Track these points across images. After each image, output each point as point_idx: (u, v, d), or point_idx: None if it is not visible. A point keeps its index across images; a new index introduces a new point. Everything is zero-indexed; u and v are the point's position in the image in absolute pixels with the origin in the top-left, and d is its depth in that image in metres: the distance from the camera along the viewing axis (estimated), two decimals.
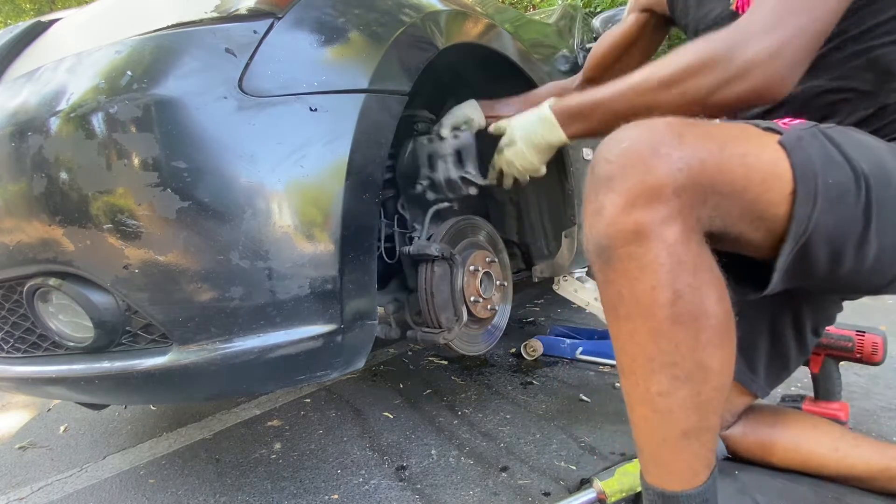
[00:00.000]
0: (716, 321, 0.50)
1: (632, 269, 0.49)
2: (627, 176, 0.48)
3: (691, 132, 0.50)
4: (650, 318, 0.49)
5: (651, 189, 0.47)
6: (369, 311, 0.79)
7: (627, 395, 0.55)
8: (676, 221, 0.48)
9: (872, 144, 0.59)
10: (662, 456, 0.54)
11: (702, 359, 0.50)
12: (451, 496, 0.94)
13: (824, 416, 0.96)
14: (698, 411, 0.51)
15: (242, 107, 0.67)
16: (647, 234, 0.47)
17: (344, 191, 0.72)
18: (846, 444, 0.81)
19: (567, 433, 1.14)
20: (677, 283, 0.48)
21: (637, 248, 0.48)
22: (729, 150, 0.50)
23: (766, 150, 0.53)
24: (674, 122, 0.50)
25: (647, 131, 0.50)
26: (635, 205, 0.48)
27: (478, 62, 1.23)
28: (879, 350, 0.95)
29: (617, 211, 0.48)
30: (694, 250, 0.49)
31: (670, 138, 0.49)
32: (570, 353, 1.58)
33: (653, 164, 0.48)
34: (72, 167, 0.65)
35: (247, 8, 0.73)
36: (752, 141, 0.54)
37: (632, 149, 0.49)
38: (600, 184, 0.50)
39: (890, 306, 2.00)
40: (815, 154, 0.54)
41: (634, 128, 0.51)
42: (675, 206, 0.48)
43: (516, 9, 2.38)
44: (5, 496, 1.05)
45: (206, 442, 1.22)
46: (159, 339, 0.70)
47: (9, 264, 0.72)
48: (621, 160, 0.49)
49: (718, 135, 0.51)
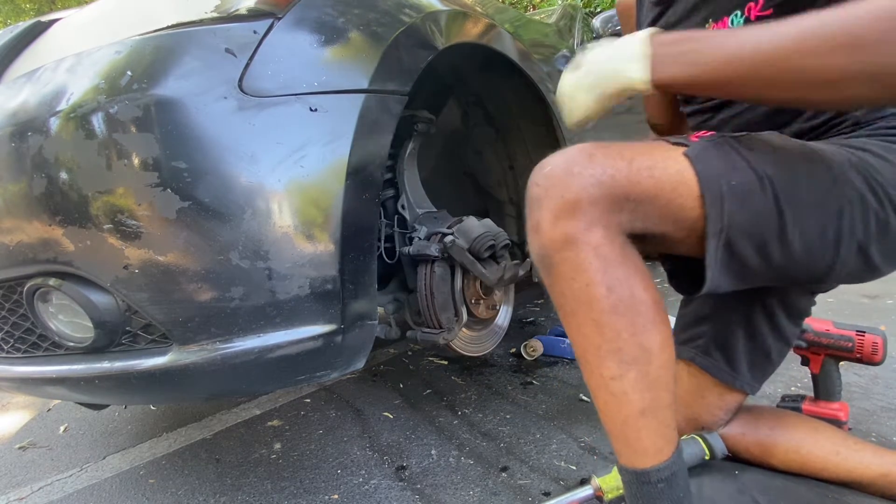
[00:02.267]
0: (645, 307, 0.57)
1: (567, 271, 0.56)
2: (551, 195, 0.56)
3: (601, 153, 0.58)
4: (590, 311, 0.57)
5: (570, 203, 0.55)
6: (369, 312, 0.79)
7: (587, 384, 0.61)
8: (598, 227, 0.56)
9: (780, 145, 0.64)
10: (627, 436, 0.59)
11: (642, 341, 0.57)
12: (451, 496, 0.94)
13: (824, 416, 0.96)
14: (650, 389, 0.58)
15: (242, 107, 0.67)
16: (575, 240, 0.55)
17: (344, 191, 0.72)
18: (847, 447, 0.81)
19: (567, 433, 1.14)
20: (607, 277, 0.56)
21: (569, 253, 0.56)
22: (637, 164, 0.58)
23: (672, 162, 0.60)
24: (586, 147, 0.59)
25: (562, 156, 0.58)
26: (560, 217, 0.56)
27: (478, 62, 1.23)
28: (879, 350, 0.95)
29: (548, 225, 0.56)
30: (618, 249, 0.57)
31: (581, 159, 0.57)
32: (570, 353, 1.58)
33: (568, 182, 0.56)
34: (72, 167, 0.65)
35: (247, 8, 0.73)
36: (659, 155, 0.60)
37: (551, 172, 0.57)
38: (533, 204, 0.58)
39: (890, 306, 1.99)
40: (717, 161, 0.61)
41: (554, 156, 0.60)
42: (593, 214, 0.55)
43: (516, 9, 2.38)
44: (5, 496, 1.05)
45: (206, 442, 1.22)
46: (159, 340, 0.70)
47: (9, 264, 0.72)
48: (544, 182, 0.57)
49: (627, 152, 0.59)
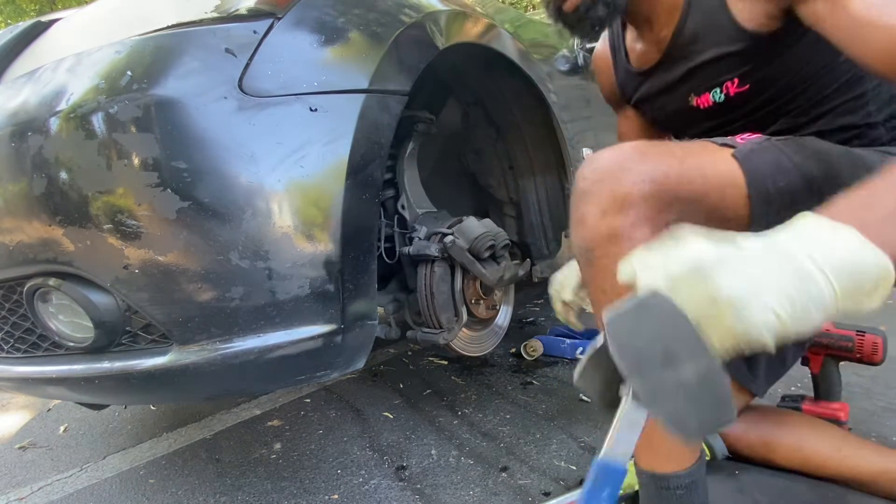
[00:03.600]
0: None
1: (610, 266, 0.54)
2: (600, 190, 0.56)
3: (653, 151, 0.58)
4: None
5: (619, 198, 0.55)
6: (369, 312, 0.79)
7: None
8: (645, 224, 0.55)
9: (825, 150, 0.65)
10: (652, 439, 0.58)
11: None
12: (451, 496, 0.94)
13: (824, 416, 0.96)
14: None
15: (242, 107, 0.67)
16: (620, 235, 0.55)
17: (344, 191, 0.72)
18: (849, 446, 0.81)
19: (567, 433, 1.14)
20: None
21: (613, 248, 0.55)
22: (688, 164, 0.58)
23: (722, 163, 0.60)
24: (638, 144, 0.58)
25: (614, 152, 0.58)
26: (608, 212, 0.55)
27: (478, 62, 1.23)
28: (879, 350, 0.95)
29: (594, 219, 0.56)
30: None
31: (634, 155, 0.57)
32: (570, 353, 1.58)
33: (619, 177, 0.55)
34: (72, 167, 0.65)
35: (247, 8, 0.73)
36: (709, 155, 0.61)
37: (602, 167, 0.57)
38: (580, 198, 0.58)
39: (890, 306, 1.99)
40: (766, 163, 0.61)
41: (604, 151, 0.59)
42: (642, 211, 0.55)
43: (516, 9, 2.38)
44: (5, 496, 1.05)
45: (206, 442, 1.22)
46: (159, 339, 0.70)
47: (9, 264, 0.72)
48: (593, 176, 0.57)
49: (679, 151, 0.59)
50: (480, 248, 1.10)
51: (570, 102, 1.41)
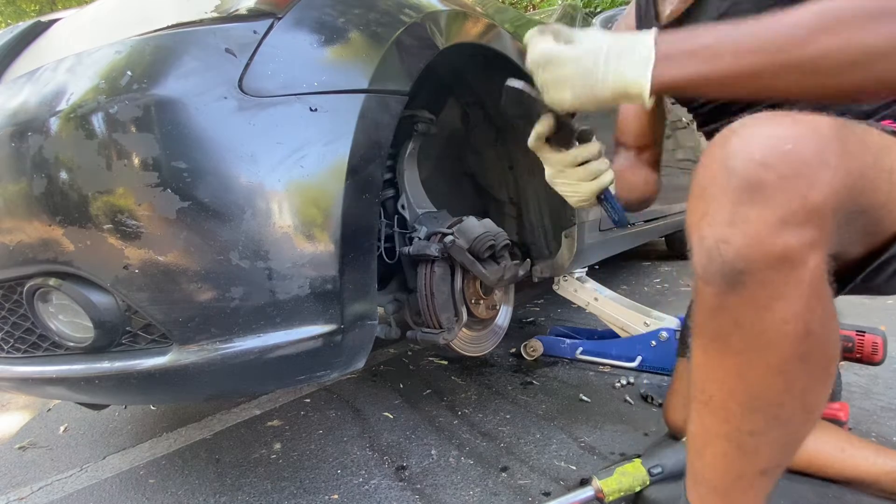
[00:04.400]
0: (830, 358, 0.45)
1: (764, 297, 0.41)
2: (787, 187, 0.39)
3: (853, 139, 0.43)
4: (772, 355, 0.43)
5: (812, 207, 0.39)
6: (369, 312, 0.79)
7: (706, 429, 0.50)
8: (822, 246, 0.41)
9: None
10: (731, 493, 0.50)
11: (809, 400, 0.46)
12: (451, 496, 0.94)
13: (824, 416, 0.96)
14: (785, 450, 0.48)
15: (242, 107, 0.67)
16: (794, 260, 0.40)
17: (344, 191, 0.72)
18: (851, 446, 0.81)
19: (567, 433, 1.14)
20: (811, 318, 0.42)
21: (777, 275, 0.40)
22: (881, 164, 0.45)
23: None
24: (836, 124, 0.42)
25: (812, 132, 0.41)
26: (789, 224, 0.39)
27: (478, 62, 1.23)
28: (879, 350, 0.95)
29: (766, 229, 0.40)
30: (826, 281, 0.43)
31: (836, 145, 0.41)
32: (570, 353, 1.58)
33: (819, 176, 0.39)
34: (72, 167, 0.65)
35: (247, 8, 0.73)
36: (895, 151, 0.47)
37: (797, 154, 0.40)
38: (745, 191, 0.40)
39: (890, 306, 1.99)
40: None
41: (793, 123, 0.41)
42: (827, 227, 0.40)
43: (516, 9, 2.38)
44: (5, 496, 1.05)
45: (206, 442, 1.22)
46: (159, 340, 0.70)
47: (9, 264, 0.72)
48: (782, 167, 0.40)
49: (872, 144, 0.45)
50: (480, 248, 1.10)
51: None
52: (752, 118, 0.43)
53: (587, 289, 1.58)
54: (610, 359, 1.51)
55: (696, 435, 0.52)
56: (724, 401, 0.47)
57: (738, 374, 0.45)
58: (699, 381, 0.49)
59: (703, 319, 0.46)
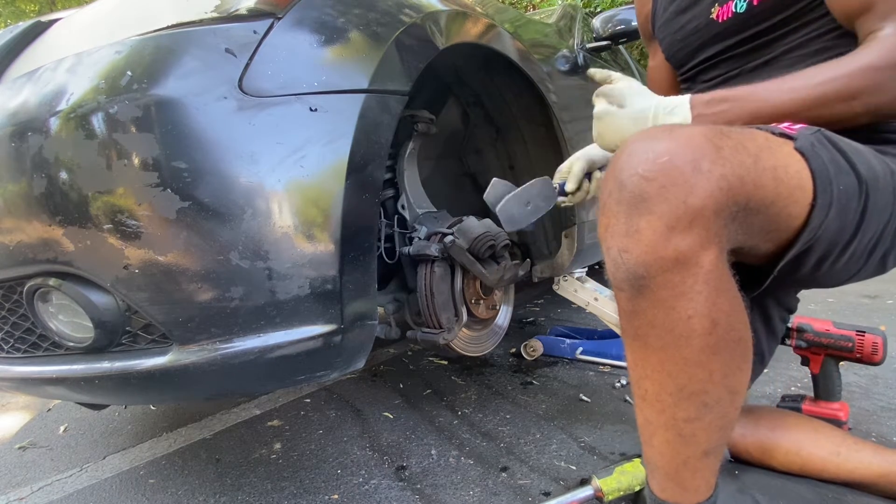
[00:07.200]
0: (743, 345, 0.49)
1: (668, 298, 0.45)
2: (668, 196, 0.43)
3: (728, 144, 0.46)
4: (685, 348, 0.47)
5: (693, 211, 0.43)
6: (369, 312, 0.79)
7: (648, 421, 0.54)
8: (713, 245, 0.44)
9: (861, 149, 0.58)
10: (682, 475, 0.54)
11: (731, 384, 0.49)
12: (451, 496, 0.94)
13: (824, 416, 0.96)
14: (721, 431, 0.52)
15: (242, 107, 0.67)
16: (687, 261, 0.44)
17: (344, 191, 0.72)
18: (847, 448, 0.81)
19: (567, 433, 1.14)
20: (714, 311, 0.46)
21: (675, 276, 0.44)
22: (762, 164, 0.47)
23: (792, 162, 0.51)
24: (710, 133, 0.46)
25: (686, 143, 0.44)
26: (675, 229, 0.43)
27: (478, 62, 1.23)
28: (879, 350, 0.95)
29: (656, 236, 0.44)
30: (725, 274, 0.47)
31: (710, 152, 0.44)
32: (570, 353, 1.58)
33: (695, 182, 0.43)
34: (72, 167, 0.65)
35: (247, 8, 0.73)
36: (779, 152, 0.51)
37: (672, 164, 0.43)
38: (634, 203, 0.44)
39: (890, 306, 1.99)
40: (828, 161, 0.52)
41: (669, 137, 0.45)
42: (713, 228, 0.44)
43: (516, 9, 2.38)
44: (5, 496, 1.05)
45: (206, 442, 1.22)
46: (159, 340, 0.70)
47: (9, 264, 0.72)
48: (660, 178, 0.43)
49: (751, 146, 0.48)
50: (480, 248, 1.10)
51: (570, 102, 1.41)
52: (638, 134, 0.48)
53: (587, 289, 1.58)
54: (610, 359, 1.51)
55: (643, 427, 0.55)
56: (657, 393, 0.51)
57: (663, 369, 0.49)
58: (635, 378, 0.53)
59: (624, 322, 0.51)
